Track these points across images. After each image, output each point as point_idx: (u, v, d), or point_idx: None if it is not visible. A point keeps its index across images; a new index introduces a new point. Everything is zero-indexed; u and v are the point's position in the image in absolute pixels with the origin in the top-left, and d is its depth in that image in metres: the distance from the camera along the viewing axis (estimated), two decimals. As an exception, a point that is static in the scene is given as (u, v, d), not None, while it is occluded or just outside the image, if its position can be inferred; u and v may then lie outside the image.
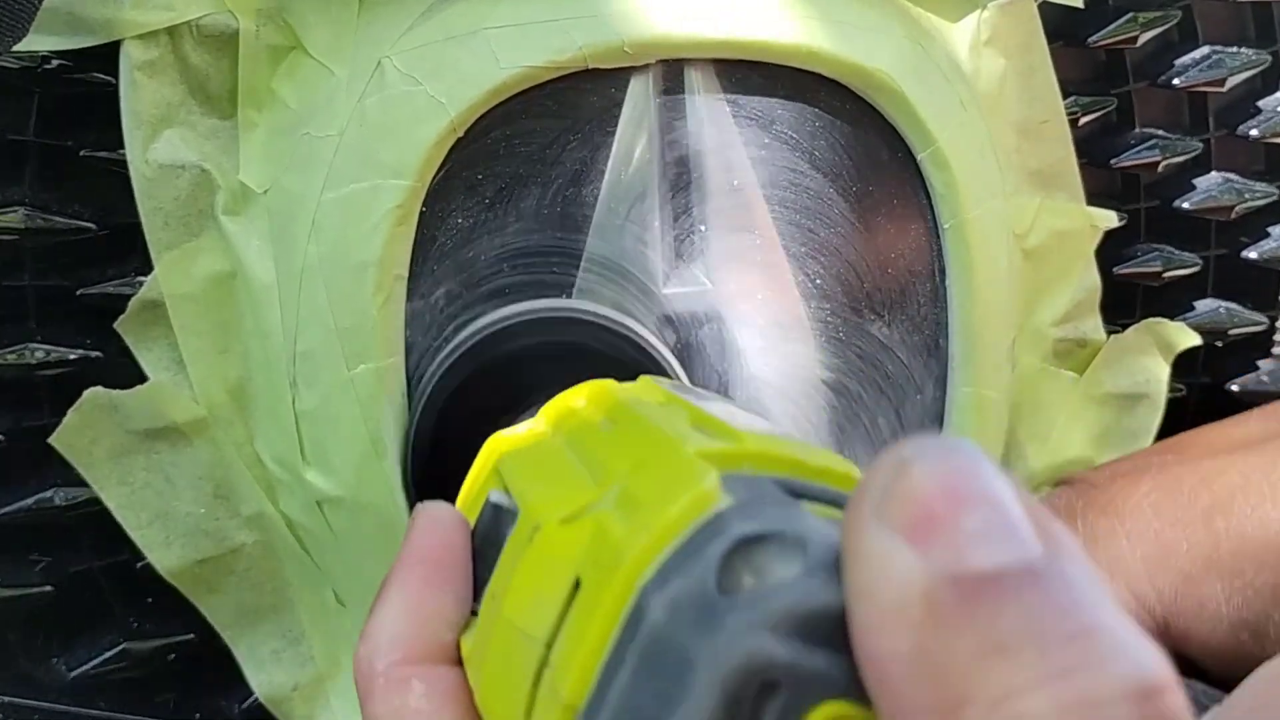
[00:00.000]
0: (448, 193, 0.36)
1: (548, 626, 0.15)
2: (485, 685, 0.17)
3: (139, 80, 0.35)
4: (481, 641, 0.18)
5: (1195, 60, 0.48)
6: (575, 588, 0.15)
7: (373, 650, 0.19)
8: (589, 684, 0.14)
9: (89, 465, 0.36)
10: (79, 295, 0.37)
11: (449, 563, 0.20)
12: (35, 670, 0.38)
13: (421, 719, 0.18)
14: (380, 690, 0.19)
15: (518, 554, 0.18)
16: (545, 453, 0.21)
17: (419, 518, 0.22)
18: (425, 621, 0.19)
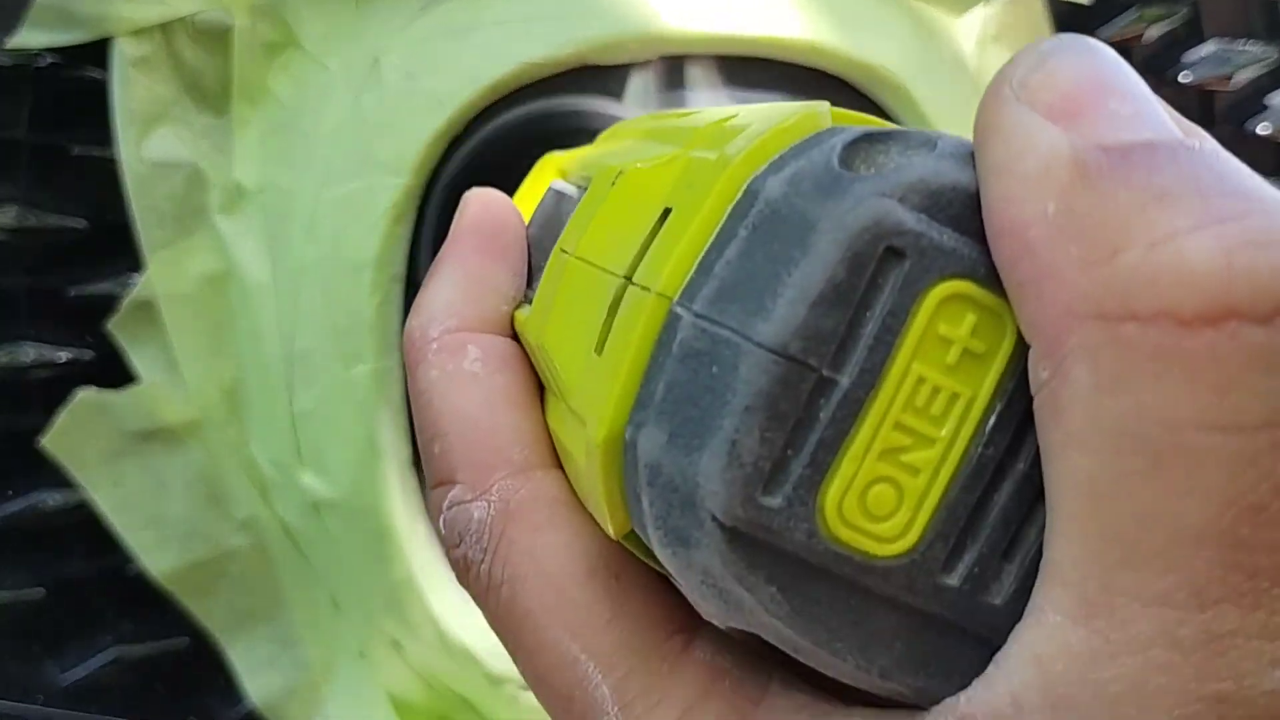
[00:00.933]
0: (445, 190, 0.36)
1: (629, 259, 0.15)
2: (549, 337, 0.17)
3: (132, 77, 0.35)
4: (545, 300, 0.18)
5: (1203, 56, 0.48)
6: (663, 218, 0.15)
7: (426, 319, 0.19)
8: (687, 274, 0.13)
9: (80, 467, 0.35)
10: (71, 295, 0.37)
11: (504, 238, 0.20)
12: (27, 675, 0.38)
13: (475, 382, 0.18)
14: (433, 355, 0.18)
15: (593, 206, 0.17)
16: (613, 147, 0.20)
17: (470, 198, 0.21)
18: (481, 292, 0.19)
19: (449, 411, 0.18)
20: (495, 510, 0.16)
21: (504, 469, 0.17)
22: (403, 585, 0.36)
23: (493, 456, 0.17)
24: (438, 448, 0.17)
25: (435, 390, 0.18)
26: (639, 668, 0.15)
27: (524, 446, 0.17)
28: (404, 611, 0.37)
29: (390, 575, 0.36)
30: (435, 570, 0.37)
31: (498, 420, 0.17)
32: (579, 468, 0.15)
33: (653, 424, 0.13)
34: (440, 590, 0.36)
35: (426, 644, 0.37)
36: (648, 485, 0.13)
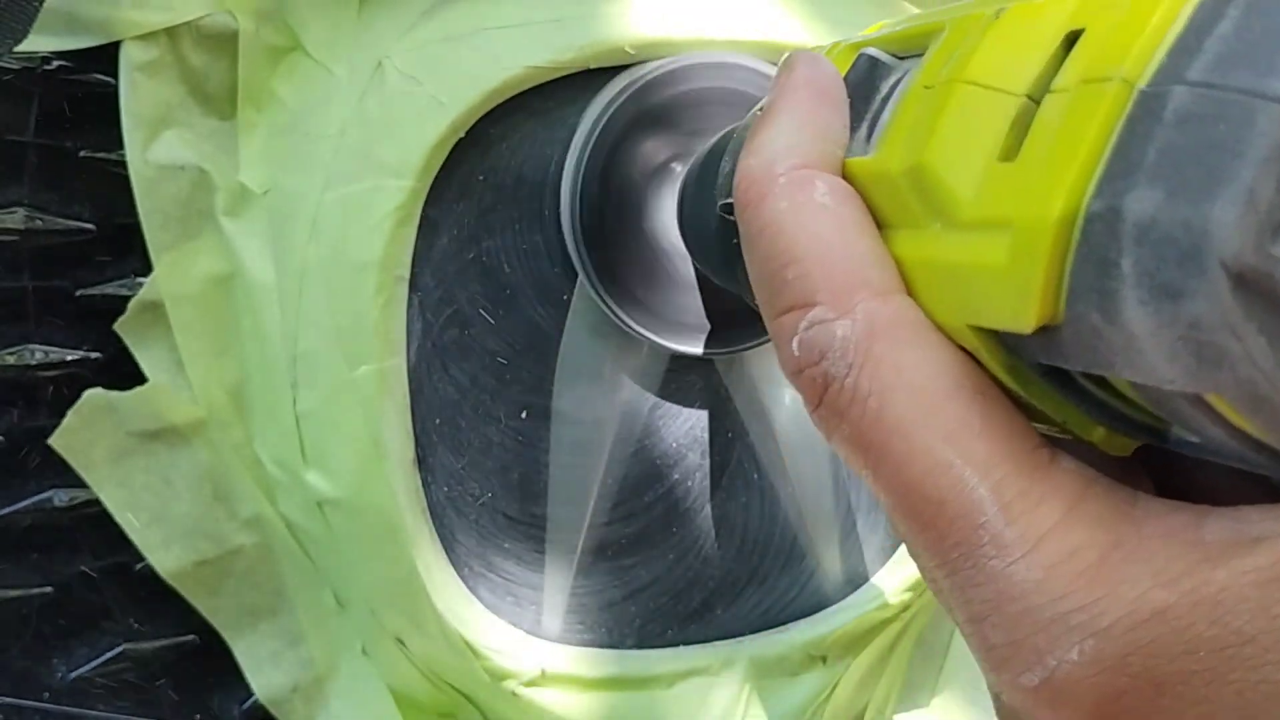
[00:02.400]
0: (449, 193, 0.36)
1: (1032, 78, 0.16)
2: (931, 158, 0.17)
3: (138, 80, 0.35)
4: (900, 133, 0.18)
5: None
6: (1068, 43, 0.16)
7: (769, 158, 0.19)
8: (1153, 61, 0.14)
9: (88, 466, 0.36)
10: (78, 296, 0.37)
11: (835, 89, 0.21)
12: (35, 671, 0.38)
13: (827, 212, 0.19)
14: (783, 188, 0.19)
15: (967, 38, 0.18)
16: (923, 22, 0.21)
17: (796, 57, 0.22)
18: (819, 135, 0.20)
19: (805, 238, 0.18)
20: (860, 328, 0.17)
21: (865, 290, 0.18)
22: (406, 582, 0.36)
23: (854, 279, 0.18)
24: (791, 273, 0.18)
25: (786, 220, 0.19)
26: (1014, 471, 0.16)
27: (882, 271, 0.18)
28: (407, 608, 0.37)
29: (394, 573, 0.36)
30: (438, 567, 0.37)
31: (855, 246, 0.18)
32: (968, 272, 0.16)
33: (1144, 186, 0.13)
34: (443, 587, 0.37)
35: (430, 640, 0.37)
36: (1135, 244, 0.13)
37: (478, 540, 0.38)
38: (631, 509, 0.39)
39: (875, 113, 0.20)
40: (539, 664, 0.38)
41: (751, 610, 0.41)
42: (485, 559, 0.38)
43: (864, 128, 0.20)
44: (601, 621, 0.39)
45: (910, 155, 0.18)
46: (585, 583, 0.39)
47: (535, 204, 0.37)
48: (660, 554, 0.40)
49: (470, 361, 0.37)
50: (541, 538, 0.38)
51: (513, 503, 0.38)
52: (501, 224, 0.36)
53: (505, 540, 0.38)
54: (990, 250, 0.16)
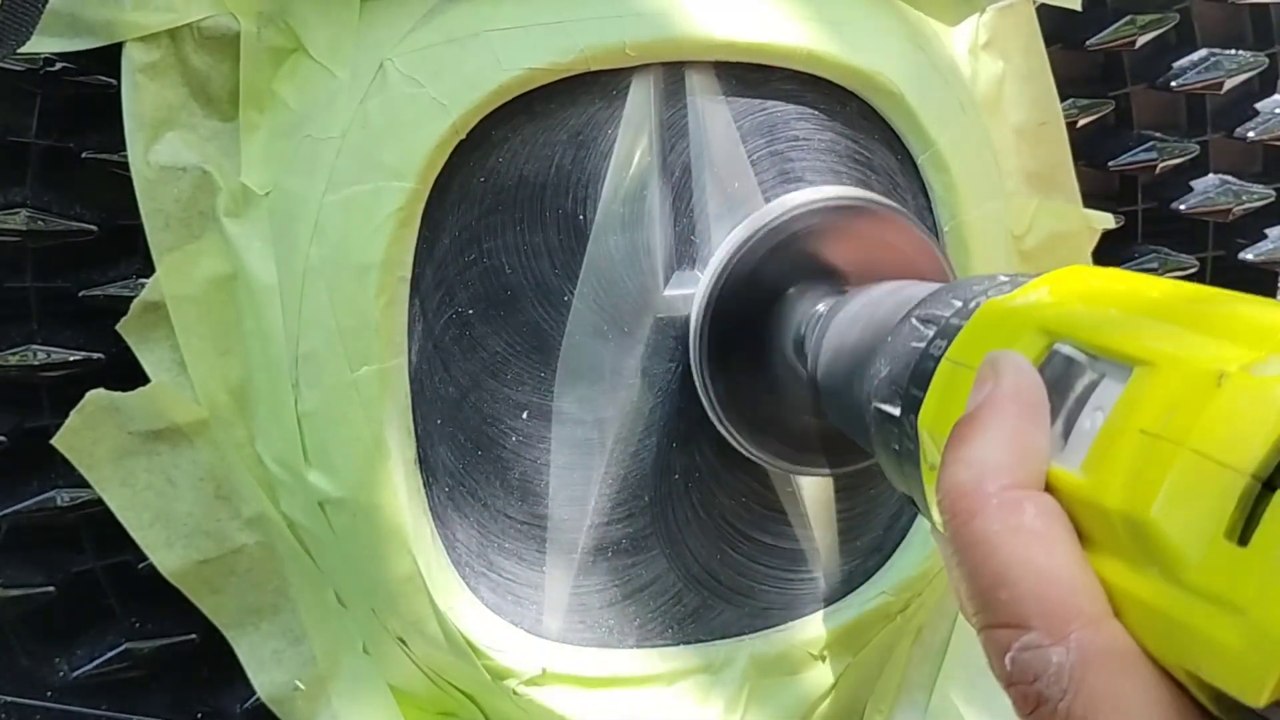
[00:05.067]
0: (450, 194, 0.36)
1: (1258, 460, 0.17)
2: (1152, 508, 0.19)
3: (140, 82, 0.35)
4: (1116, 471, 0.20)
5: (1193, 62, 0.48)
6: None
7: (980, 474, 0.21)
8: None
9: (91, 466, 0.36)
10: (81, 297, 0.37)
11: (1040, 405, 0.22)
12: (37, 670, 0.38)
13: (1036, 537, 0.20)
14: (994, 509, 0.20)
15: (1188, 397, 0.19)
16: (1112, 318, 0.22)
17: (1003, 362, 0.23)
18: (1027, 453, 0.21)
19: (1017, 563, 0.19)
20: (1075, 657, 0.18)
21: (1079, 619, 0.19)
22: (407, 582, 0.36)
23: (1067, 607, 0.19)
24: (1004, 595, 0.19)
25: (998, 541, 0.20)
26: None
27: (1093, 599, 0.19)
28: (408, 608, 0.37)
29: (395, 572, 0.36)
30: (439, 567, 0.37)
31: (1066, 573, 0.19)
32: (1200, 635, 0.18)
33: None
34: (444, 586, 0.37)
35: (430, 640, 0.37)
36: None
37: (478, 540, 0.38)
38: (631, 509, 0.39)
39: (1071, 412, 0.21)
40: (540, 663, 0.38)
41: (751, 610, 0.41)
42: (486, 559, 0.38)
43: (1059, 425, 0.21)
44: (602, 621, 0.40)
45: (1131, 502, 0.19)
46: (585, 582, 0.39)
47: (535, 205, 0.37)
48: (660, 554, 0.40)
49: (471, 361, 0.37)
50: (542, 537, 0.39)
51: (513, 503, 0.38)
52: (502, 225, 0.37)
53: (505, 540, 0.38)
54: (1221, 627, 0.17)
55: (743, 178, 0.38)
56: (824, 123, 0.39)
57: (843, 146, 0.39)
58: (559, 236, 0.37)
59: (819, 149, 0.39)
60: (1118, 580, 0.19)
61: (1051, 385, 0.22)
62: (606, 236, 0.37)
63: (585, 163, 0.37)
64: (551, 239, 0.37)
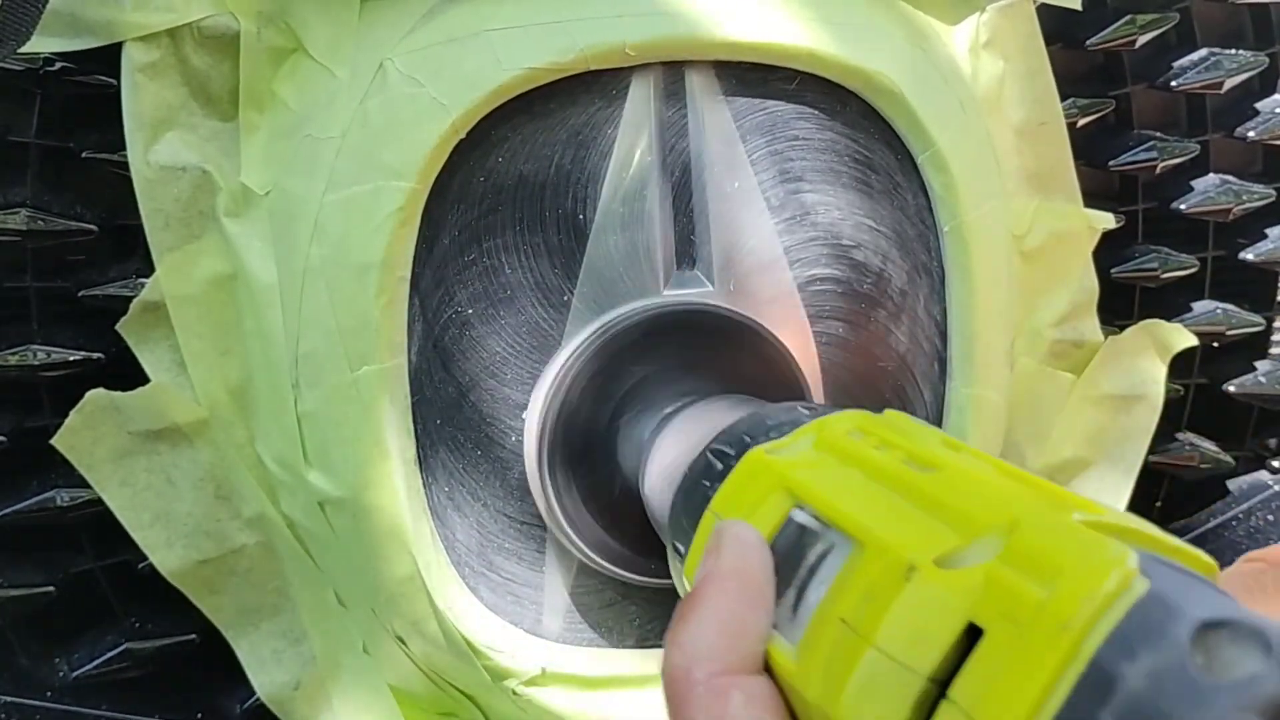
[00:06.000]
0: (450, 194, 0.36)
1: (933, 663, 0.17)
2: (838, 709, 0.19)
3: (140, 82, 0.35)
4: (823, 666, 0.20)
5: (1193, 62, 0.48)
6: (969, 633, 0.17)
7: (690, 659, 0.20)
8: None
9: (91, 466, 0.36)
10: (80, 297, 0.37)
11: (759, 580, 0.21)
12: (37, 670, 0.38)
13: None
14: (699, 698, 0.19)
15: (879, 587, 0.19)
16: (851, 485, 0.22)
17: (725, 535, 0.23)
18: (740, 634, 0.20)
19: None
20: None
21: None
22: (407, 582, 0.36)
23: None
24: None
25: None
26: None
27: None
28: (408, 608, 0.37)
29: (394, 572, 0.36)
30: (439, 567, 0.37)
31: None
32: None
33: None
34: (444, 586, 0.37)
35: (430, 640, 0.37)
36: None
37: (478, 540, 0.38)
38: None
39: (802, 581, 0.21)
40: (539, 663, 0.38)
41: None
42: (485, 559, 0.38)
43: (790, 595, 0.21)
44: (601, 620, 0.40)
45: (824, 696, 0.19)
46: (585, 582, 0.39)
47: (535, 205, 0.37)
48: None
49: (470, 361, 0.37)
50: (541, 538, 0.39)
51: (512, 503, 0.38)
52: (502, 225, 0.37)
53: (505, 540, 0.38)
54: None
55: (743, 177, 0.38)
56: (824, 122, 0.39)
57: (843, 146, 0.39)
58: (559, 236, 0.37)
59: (819, 148, 0.39)
60: None
61: (785, 555, 0.22)
62: (606, 236, 0.37)
63: (585, 162, 0.37)
64: (551, 239, 0.37)
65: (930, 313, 0.41)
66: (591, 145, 0.37)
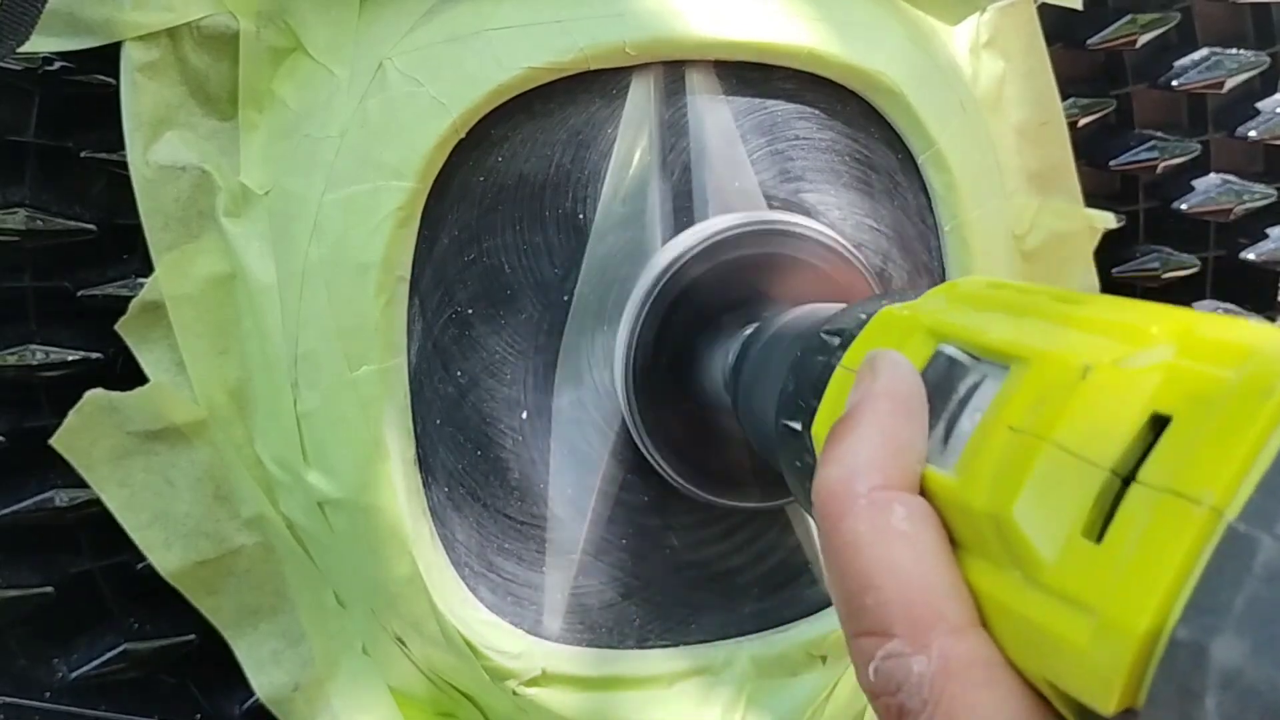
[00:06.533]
0: (450, 194, 0.36)
1: (1117, 455, 0.16)
2: (1016, 512, 0.18)
3: (139, 81, 0.35)
4: (984, 470, 0.19)
5: (1194, 62, 0.48)
6: (1154, 425, 0.16)
7: (850, 472, 0.20)
8: (1241, 493, 0.15)
9: (89, 466, 0.36)
10: (79, 297, 0.37)
11: (916, 403, 0.21)
12: (35, 670, 0.38)
13: (906, 540, 0.19)
14: (863, 509, 0.19)
15: (1053, 392, 0.19)
16: (1002, 321, 0.22)
17: (880, 360, 0.22)
18: (899, 451, 0.20)
19: (883, 566, 0.19)
20: (936, 666, 0.18)
21: (942, 626, 0.18)
22: (406, 582, 0.36)
23: (931, 614, 0.18)
24: (870, 599, 0.19)
25: (865, 543, 0.19)
26: None
27: (959, 606, 0.18)
28: (407, 608, 0.37)
29: (394, 572, 0.36)
30: (439, 567, 0.37)
31: (933, 579, 0.19)
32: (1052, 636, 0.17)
33: (1232, 633, 0.14)
34: (443, 587, 0.37)
35: (429, 640, 0.37)
36: (1220, 687, 0.14)
37: (478, 540, 0.38)
38: (631, 509, 0.39)
39: (953, 414, 0.21)
40: (539, 664, 0.38)
41: (751, 611, 0.41)
42: (485, 559, 0.38)
43: (941, 427, 0.21)
44: (601, 621, 0.40)
45: (994, 501, 0.18)
46: (585, 583, 0.39)
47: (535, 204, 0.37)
48: (660, 554, 0.40)
49: (470, 361, 0.37)
50: (541, 538, 0.38)
51: (512, 503, 0.38)
52: (502, 224, 0.37)
53: (505, 540, 0.38)
54: (1073, 628, 0.16)
55: (743, 177, 0.38)
56: (824, 122, 0.39)
57: (843, 146, 0.39)
58: (559, 236, 0.37)
59: (819, 148, 0.39)
60: (986, 585, 0.19)
61: (935, 387, 0.21)
62: (606, 236, 0.37)
63: (585, 162, 0.37)
64: (551, 238, 0.37)
65: (931, 313, 0.41)
66: (591, 145, 0.37)
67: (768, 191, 0.38)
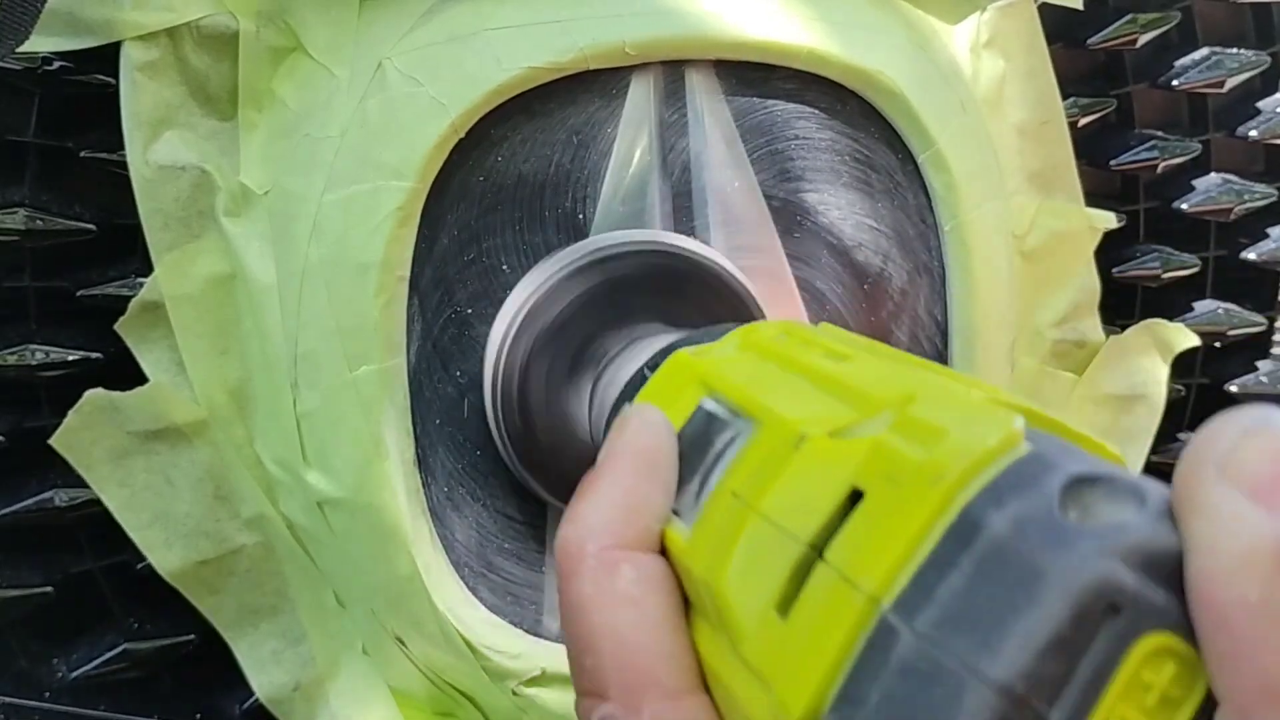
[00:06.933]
0: (449, 194, 0.36)
1: (814, 529, 0.16)
2: (720, 579, 0.18)
3: (139, 81, 0.35)
4: (712, 540, 0.19)
5: (1195, 61, 0.48)
6: (852, 499, 0.17)
7: (583, 532, 0.20)
8: (897, 582, 0.15)
9: (89, 466, 0.36)
10: (79, 296, 0.37)
11: (661, 459, 0.21)
12: (35, 670, 0.38)
13: (628, 603, 0.19)
14: (589, 570, 0.19)
15: (769, 461, 0.19)
16: (764, 375, 0.22)
17: (632, 417, 0.22)
18: (636, 510, 0.20)
19: (602, 629, 0.19)
20: None
21: (655, 691, 0.18)
22: (406, 582, 0.36)
23: (645, 679, 0.18)
24: (589, 661, 0.19)
25: (590, 605, 0.19)
26: None
27: (675, 670, 0.18)
28: (407, 608, 0.37)
29: (394, 572, 0.36)
30: (438, 567, 0.37)
31: (650, 644, 0.19)
32: (744, 707, 0.17)
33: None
34: (443, 587, 0.37)
35: (429, 640, 0.37)
36: None
37: (477, 540, 0.38)
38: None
39: (708, 468, 0.21)
40: (539, 663, 0.38)
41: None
42: (485, 559, 0.38)
43: (695, 482, 0.21)
44: (601, 621, 0.39)
45: (710, 568, 0.18)
46: (585, 583, 0.39)
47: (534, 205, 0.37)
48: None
49: (470, 361, 0.37)
50: (541, 538, 0.38)
51: (513, 502, 0.38)
52: (501, 224, 0.36)
53: (505, 540, 0.38)
54: (757, 704, 0.16)
55: (743, 177, 0.38)
56: (824, 121, 0.39)
57: (843, 145, 0.39)
58: (558, 235, 0.37)
59: (820, 148, 0.39)
60: (707, 650, 0.19)
61: (693, 442, 0.21)
62: (606, 236, 0.37)
63: (585, 162, 0.37)
64: (551, 238, 0.37)
65: (931, 312, 0.41)
66: (591, 145, 0.37)
67: (768, 191, 0.38)
